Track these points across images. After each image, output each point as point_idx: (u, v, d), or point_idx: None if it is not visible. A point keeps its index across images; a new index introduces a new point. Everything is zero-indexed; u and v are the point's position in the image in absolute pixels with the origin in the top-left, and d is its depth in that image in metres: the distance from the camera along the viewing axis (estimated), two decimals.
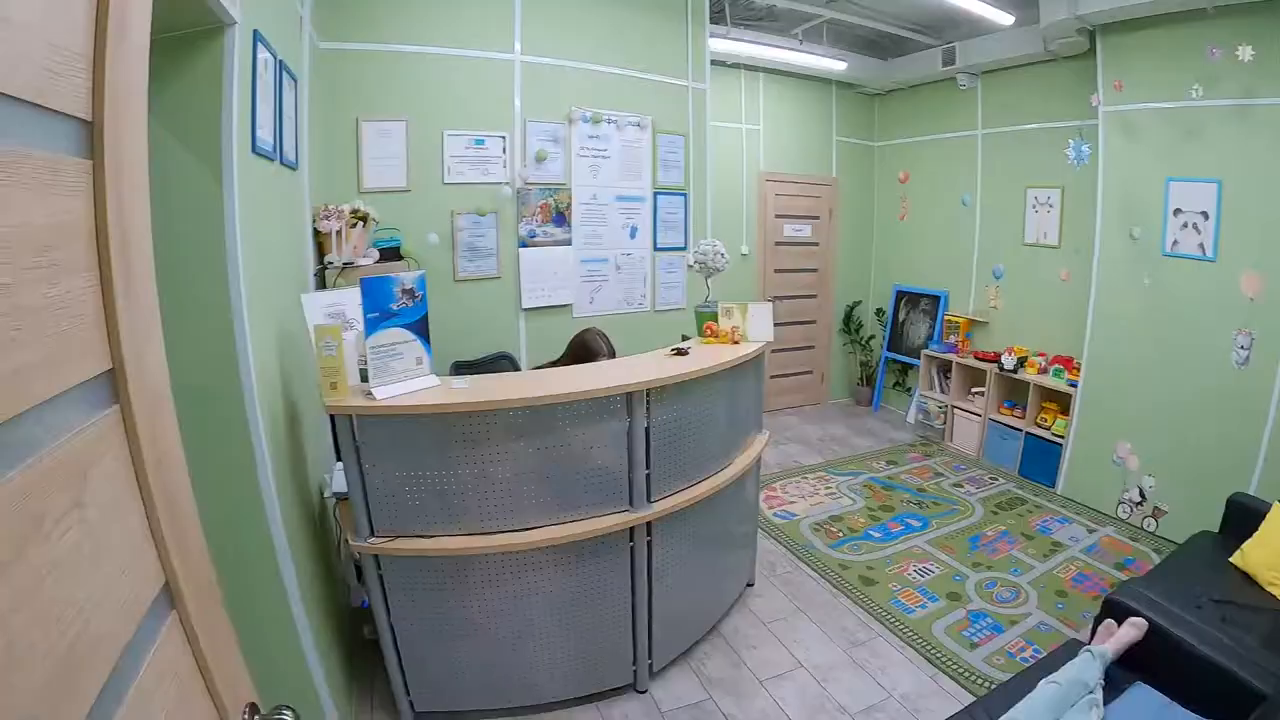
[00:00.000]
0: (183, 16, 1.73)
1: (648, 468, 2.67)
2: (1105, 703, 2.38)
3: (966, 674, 3.20)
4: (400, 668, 2.62)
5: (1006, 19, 5.14)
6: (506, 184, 4.42)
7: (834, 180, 7.25)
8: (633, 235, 5.00)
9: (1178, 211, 4.44)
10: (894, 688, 3.07)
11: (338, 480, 2.51)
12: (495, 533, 2.47)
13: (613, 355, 3.63)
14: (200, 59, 1.83)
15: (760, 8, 5.61)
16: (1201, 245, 4.34)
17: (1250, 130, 4.06)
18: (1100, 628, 2.78)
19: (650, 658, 2.93)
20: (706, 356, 2.96)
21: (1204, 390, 4.36)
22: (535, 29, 4.51)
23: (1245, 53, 3.72)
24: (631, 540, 2.73)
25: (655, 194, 5.06)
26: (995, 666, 3.24)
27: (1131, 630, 2.64)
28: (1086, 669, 2.38)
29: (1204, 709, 2.29)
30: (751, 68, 6.44)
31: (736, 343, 3.28)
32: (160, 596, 0.80)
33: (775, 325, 3.15)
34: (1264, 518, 3.44)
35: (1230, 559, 3.43)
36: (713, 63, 5.45)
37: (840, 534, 4.50)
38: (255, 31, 2.09)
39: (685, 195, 5.24)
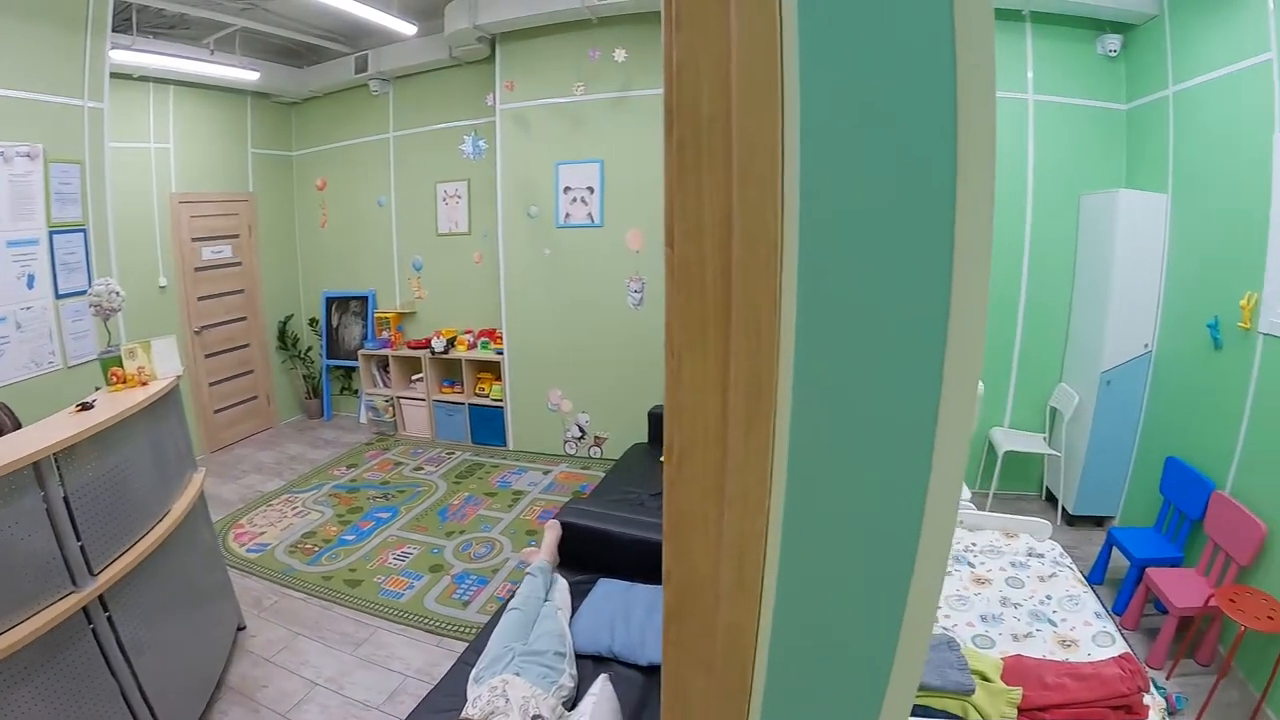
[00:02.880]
0: None
1: (79, 539, 2.40)
2: (578, 604, 2.76)
3: (466, 629, 3.44)
4: None
5: (409, 29, 5.40)
6: None
7: (251, 195, 6.69)
8: (31, 285, 4.02)
9: (568, 189, 5.39)
10: (407, 668, 3.17)
11: None
12: None
13: (18, 426, 3.08)
14: None
15: (171, 15, 5.01)
16: (590, 214, 5.35)
17: (624, 117, 5.15)
18: (526, 550, 3.19)
19: None
20: (115, 404, 2.75)
21: (611, 332, 5.41)
22: None
23: (620, 54, 4.71)
24: (91, 622, 2.43)
25: (51, 233, 4.10)
26: (489, 614, 3.46)
27: (550, 534, 3.14)
28: (534, 585, 2.75)
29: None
30: (161, 81, 5.71)
31: (145, 383, 3.07)
32: None
33: (207, 356, 2.77)
34: None
35: (660, 459, 4.29)
36: (117, 76, 4.66)
37: (315, 548, 4.34)
38: None
39: (85, 231, 4.31)
